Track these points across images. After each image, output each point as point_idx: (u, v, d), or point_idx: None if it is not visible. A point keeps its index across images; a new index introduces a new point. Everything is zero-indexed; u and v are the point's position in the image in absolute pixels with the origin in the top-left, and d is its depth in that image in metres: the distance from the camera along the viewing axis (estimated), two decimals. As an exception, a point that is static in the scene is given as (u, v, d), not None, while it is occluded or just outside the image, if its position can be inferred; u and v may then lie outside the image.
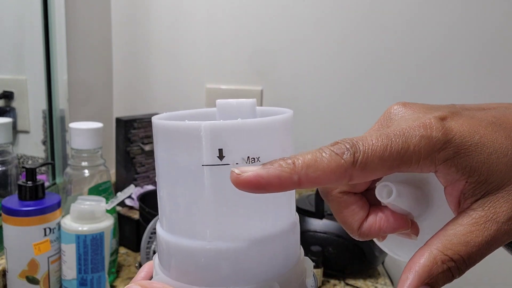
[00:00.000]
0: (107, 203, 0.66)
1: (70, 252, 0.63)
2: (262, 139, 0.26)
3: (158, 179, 0.29)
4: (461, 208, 0.26)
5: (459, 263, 0.25)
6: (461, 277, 0.26)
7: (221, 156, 0.25)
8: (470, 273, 0.25)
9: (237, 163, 0.25)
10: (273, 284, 0.26)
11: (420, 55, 1.13)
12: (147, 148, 1.10)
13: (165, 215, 0.29)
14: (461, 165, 0.25)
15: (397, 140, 0.25)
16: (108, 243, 0.65)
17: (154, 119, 0.27)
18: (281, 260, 0.27)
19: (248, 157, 0.25)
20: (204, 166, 0.25)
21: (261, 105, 1.20)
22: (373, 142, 0.25)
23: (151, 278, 0.33)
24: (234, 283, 0.26)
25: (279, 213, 0.28)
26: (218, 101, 0.30)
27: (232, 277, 0.26)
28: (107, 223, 0.65)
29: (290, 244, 0.29)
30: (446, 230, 0.25)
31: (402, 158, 0.24)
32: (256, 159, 0.26)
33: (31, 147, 0.88)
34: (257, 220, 0.26)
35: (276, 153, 0.27)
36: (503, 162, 0.25)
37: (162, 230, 0.28)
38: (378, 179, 0.30)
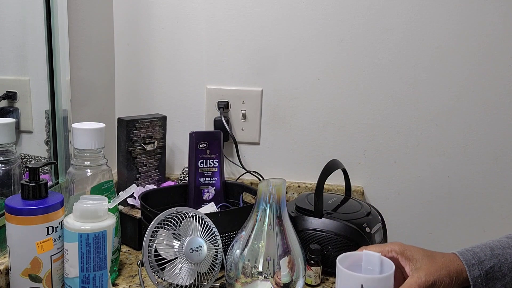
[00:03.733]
0: (109, 202, 0.67)
1: (72, 250, 0.64)
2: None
3: None
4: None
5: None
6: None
7: None
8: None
9: None
10: None
11: (420, 56, 1.13)
12: (148, 148, 1.11)
13: None
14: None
15: None
16: (110, 242, 0.66)
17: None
18: None
19: None
20: None
21: (261, 105, 1.20)
22: None
23: None
24: None
25: None
26: (366, 252, 0.64)
27: None
28: (109, 222, 0.66)
29: None
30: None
31: None
32: None
33: (34, 147, 0.89)
34: None
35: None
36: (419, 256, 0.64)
37: None
38: None
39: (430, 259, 0.63)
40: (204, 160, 1.00)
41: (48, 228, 0.64)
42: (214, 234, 0.76)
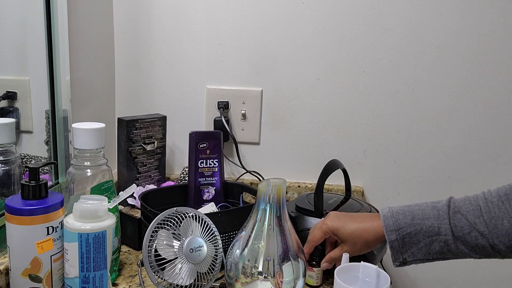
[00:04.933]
0: (109, 202, 0.67)
1: (72, 250, 0.64)
2: None
3: None
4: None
5: (331, 259, 0.79)
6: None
7: None
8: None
9: None
10: None
11: (420, 56, 1.13)
12: (148, 148, 1.11)
13: None
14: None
15: None
16: (110, 242, 0.66)
17: None
18: None
19: None
20: None
21: (261, 105, 1.20)
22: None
23: None
24: None
25: None
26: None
27: None
28: (109, 222, 0.66)
29: None
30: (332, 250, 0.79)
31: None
32: None
33: (34, 147, 0.89)
34: None
35: None
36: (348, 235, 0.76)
37: None
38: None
39: (354, 240, 0.75)
40: (204, 160, 1.00)
41: (48, 228, 0.64)
42: (214, 234, 0.76)
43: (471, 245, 0.68)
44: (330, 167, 0.88)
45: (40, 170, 0.66)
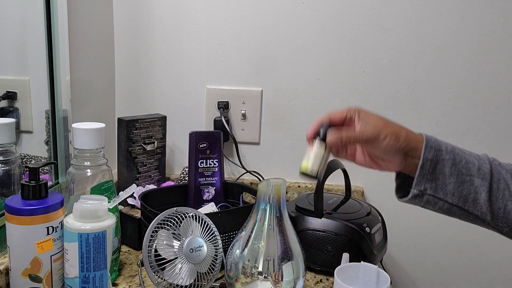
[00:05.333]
0: (109, 202, 0.67)
1: (72, 250, 0.64)
2: None
3: None
4: None
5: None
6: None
7: None
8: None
9: None
10: None
11: (420, 56, 1.13)
12: (148, 148, 1.11)
13: None
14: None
15: None
16: (110, 242, 0.66)
17: None
18: None
19: None
20: None
21: (261, 105, 1.20)
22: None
23: None
24: None
25: None
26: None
27: None
28: (109, 222, 0.66)
29: None
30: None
31: None
32: None
33: (34, 147, 0.89)
34: None
35: None
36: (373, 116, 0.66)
37: None
38: None
39: (383, 119, 0.66)
40: (204, 160, 1.00)
41: (48, 228, 0.64)
42: (214, 234, 0.76)
43: (498, 206, 0.62)
44: (330, 167, 0.88)
45: (40, 170, 0.66)
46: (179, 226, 0.72)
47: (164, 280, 0.71)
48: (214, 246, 0.75)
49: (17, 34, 0.84)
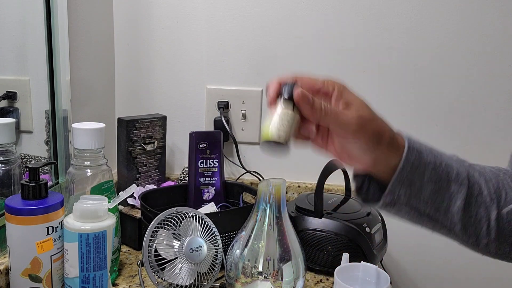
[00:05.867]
0: (109, 202, 0.67)
1: (72, 250, 0.64)
2: None
3: None
4: None
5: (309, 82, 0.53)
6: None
7: None
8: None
9: None
10: None
11: (420, 56, 1.13)
12: (148, 148, 1.11)
13: None
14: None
15: None
16: (110, 242, 0.66)
17: None
18: None
19: None
20: None
21: (261, 105, 1.20)
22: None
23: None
24: None
25: None
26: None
27: None
28: (109, 222, 0.66)
29: None
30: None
31: None
32: None
33: (34, 147, 0.89)
34: None
35: None
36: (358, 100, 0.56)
37: None
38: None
39: (370, 110, 0.56)
40: (204, 160, 1.00)
41: (48, 228, 0.64)
42: (214, 234, 0.76)
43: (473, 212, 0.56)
44: (330, 167, 0.88)
45: (40, 170, 0.66)
46: (179, 226, 0.72)
47: (164, 280, 0.71)
48: (214, 246, 0.75)
49: (17, 34, 0.84)
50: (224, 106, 1.20)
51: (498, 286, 1.22)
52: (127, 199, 1.07)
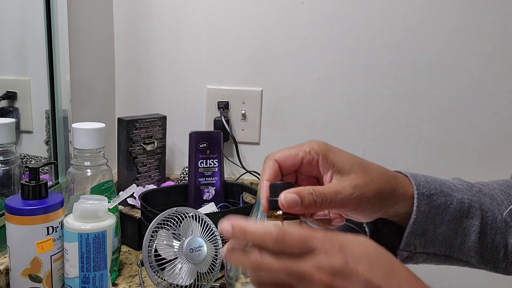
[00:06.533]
0: (109, 202, 0.67)
1: (72, 250, 0.64)
2: None
3: None
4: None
5: (316, 195, 0.44)
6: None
7: None
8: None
9: None
10: None
11: (420, 56, 1.13)
12: (148, 148, 1.11)
13: None
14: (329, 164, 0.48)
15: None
16: (110, 242, 0.66)
17: None
18: None
19: None
20: None
21: (261, 105, 1.20)
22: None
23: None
24: None
25: None
26: None
27: None
28: (109, 222, 0.66)
29: None
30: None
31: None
32: None
33: (34, 147, 0.89)
34: None
35: None
36: (347, 160, 0.48)
37: None
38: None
39: (363, 167, 0.48)
40: (204, 160, 1.00)
41: (48, 228, 0.64)
42: (214, 234, 0.76)
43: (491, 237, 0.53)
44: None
45: (40, 170, 0.66)
46: (179, 226, 0.72)
47: (164, 280, 0.71)
48: (214, 246, 0.75)
49: (17, 34, 0.84)
50: (224, 106, 1.20)
51: (499, 286, 1.22)
52: (127, 199, 1.07)
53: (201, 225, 0.74)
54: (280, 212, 0.44)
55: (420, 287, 0.44)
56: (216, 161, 1.01)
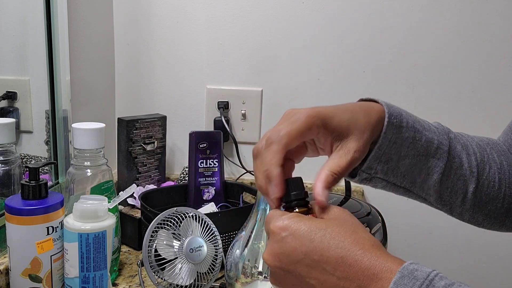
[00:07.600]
0: (109, 202, 0.67)
1: (72, 250, 0.64)
2: None
3: None
4: (332, 150, 0.51)
5: (337, 175, 0.49)
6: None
7: None
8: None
9: None
10: None
11: (420, 56, 1.13)
12: (148, 148, 1.11)
13: None
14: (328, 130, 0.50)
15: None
16: (110, 242, 0.66)
17: None
18: None
19: None
20: None
21: (261, 105, 1.20)
22: None
23: None
24: None
25: None
26: None
27: None
28: (109, 222, 0.66)
29: None
30: (329, 160, 0.51)
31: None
32: None
33: (34, 147, 0.89)
34: None
35: None
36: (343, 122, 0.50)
37: None
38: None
39: (354, 121, 0.51)
40: (204, 160, 1.00)
41: (48, 228, 0.64)
42: (214, 234, 0.76)
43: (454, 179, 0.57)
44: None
45: (40, 170, 0.66)
46: (179, 226, 0.72)
47: (164, 280, 0.71)
48: (214, 246, 0.75)
49: (17, 34, 0.84)
50: (224, 106, 1.20)
51: (499, 286, 1.22)
52: (127, 199, 1.07)
53: (201, 225, 0.74)
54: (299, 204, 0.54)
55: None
56: (216, 161, 1.01)
